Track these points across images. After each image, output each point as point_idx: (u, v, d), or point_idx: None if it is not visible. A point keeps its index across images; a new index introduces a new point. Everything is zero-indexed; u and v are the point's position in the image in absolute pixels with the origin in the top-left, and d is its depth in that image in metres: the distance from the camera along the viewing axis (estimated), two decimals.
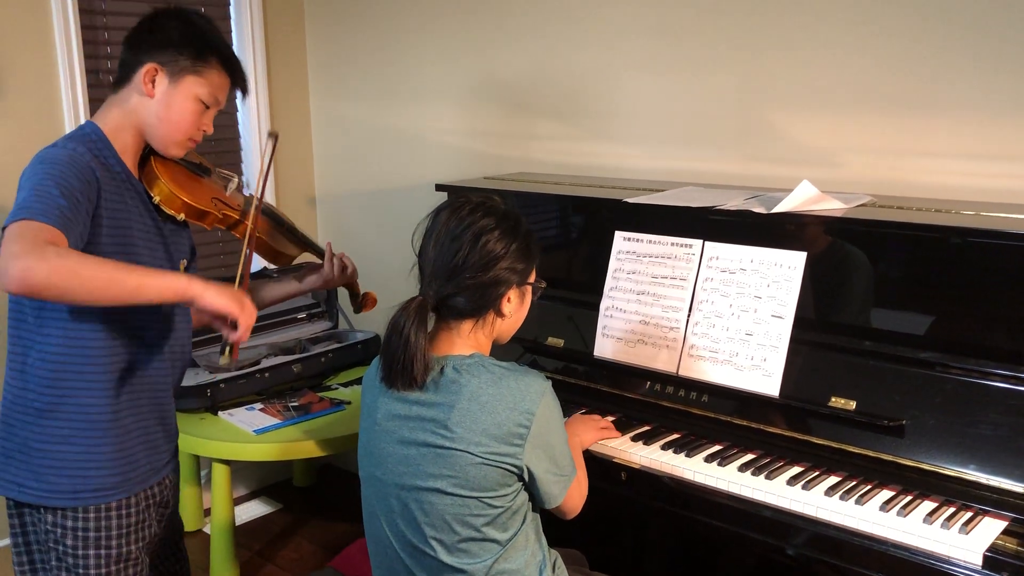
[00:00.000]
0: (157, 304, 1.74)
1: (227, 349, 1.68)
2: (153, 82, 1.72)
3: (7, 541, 1.83)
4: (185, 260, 1.89)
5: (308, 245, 2.19)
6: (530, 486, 1.58)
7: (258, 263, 2.90)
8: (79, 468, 1.71)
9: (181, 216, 1.81)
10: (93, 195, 1.62)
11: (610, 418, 2.10)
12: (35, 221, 1.47)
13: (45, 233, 1.46)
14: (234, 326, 1.60)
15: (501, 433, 1.50)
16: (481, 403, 1.51)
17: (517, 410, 1.50)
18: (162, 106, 1.73)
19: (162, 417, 1.87)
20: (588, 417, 2.05)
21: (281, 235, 2.10)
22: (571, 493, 1.65)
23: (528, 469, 1.53)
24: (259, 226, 2.01)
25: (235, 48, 3.33)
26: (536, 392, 1.53)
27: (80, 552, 1.73)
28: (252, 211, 1.90)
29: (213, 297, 1.55)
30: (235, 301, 1.58)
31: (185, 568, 2.08)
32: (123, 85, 1.75)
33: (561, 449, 1.60)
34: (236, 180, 1.98)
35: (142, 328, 1.77)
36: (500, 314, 1.60)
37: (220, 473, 2.80)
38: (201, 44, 1.73)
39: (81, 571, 1.74)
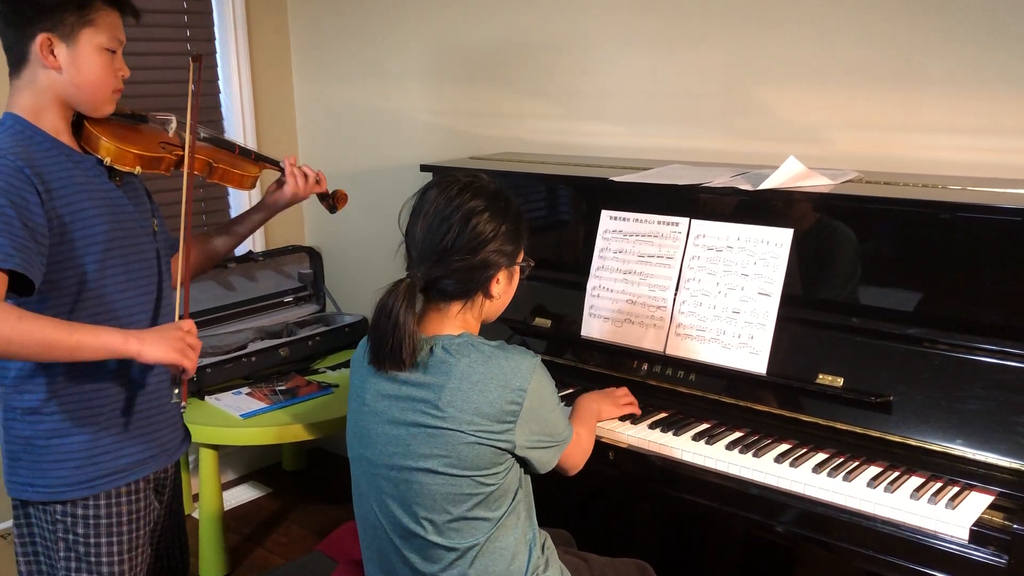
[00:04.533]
0: (142, 300, 1.77)
1: (177, 388, 1.68)
2: (52, 52, 1.63)
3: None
4: (155, 220, 1.83)
5: (266, 161, 2.11)
6: (527, 454, 1.57)
7: (245, 250, 2.90)
8: (88, 457, 1.70)
9: (137, 170, 1.75)
10: (30, 196, 1.55)
11: (627, 390, 2.07)
12: None
13: None
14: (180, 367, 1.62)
15: (493, 412, 1.50)
16: (472, 382, 1.50)
17: (508, 388, 1.50)
18: (73, 72, 1.65)
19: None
20: (611, 391, 2.03)
21: (237, 157, 2.03)
22: (569, 452, 1.67)
23: (524, 442, 1.53)
24: (216, 156, 1.96)
25: (216, 29, 3.30)
26: (527, 369, 1.52)
27: (92, 540, 1.73)
28: (184, 183, 1.83)
29: (153, 352, 1.55)
30: (175, 349, 1.58)
31: (186, 559, 2.06)
32: (22, 66, 1.65)
33: (555, 419, 1.59)
34: (175, 120, 1.92)
35: (131, 312, 1.74)
36: (489, 296, 1.60)
37: (207, 458, 2.79)
38: None
39: (93, 559, 1.73)
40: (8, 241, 1.48)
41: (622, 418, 2.00)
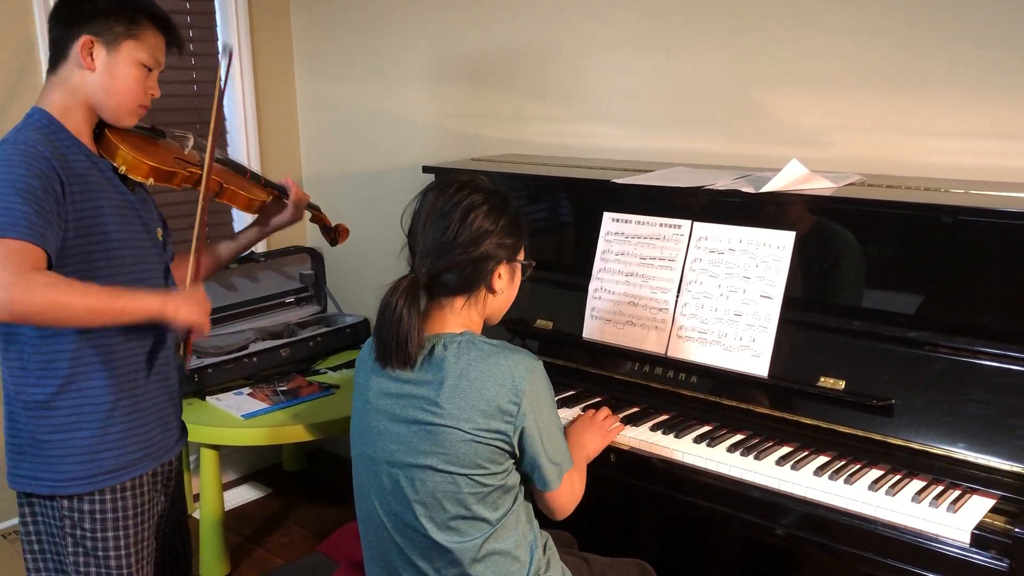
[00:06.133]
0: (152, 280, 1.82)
1: (183, 347, 1.76)
2: (91, 54, 1.69)
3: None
4: (159, 228, 1.87)
5: (272, 187, 2.16)
6: (522, 464, 1.58)
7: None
8: (90, 453, 1.72)
9: (150, 181, 1.79)
10: (56, 186, 1.60)
11: (609, 411, 2.01)
12: (7, 239, 1.49)
13: (26, 255, 1.49)
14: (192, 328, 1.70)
15: (491, 409, 1.50)
16: (470, 380, 1.51)
17: (506, 387, 1.51)
18: (106, 77, 1.70)
19: (170, 393, 1.88)
20: (591, 420, 1.92)
21: (247, 181, 2.09)
22: (562, 490, 1.63)
23: (520, 444, 1.54)
24: (227, 178, 2.00)
25: (219, 31, 3.30)
26: (525, 369, 1.53)
27: (99, 535, 1.75)
28: (208, 147, 1.87)
29: (185, 314, 1.65)
30: (201, 312, 1.68)
31: (188, 549, 2.09)
32: (60, 63, 1.71)
33: (552, 432, 1.59)
34: (192, 139, 1.97)
35: None
36: (491, 290, 1.61)
37: (208, 458, 2.79)
38: (131, 8, 1.71)
39: (101, 554, 1.75)
40: (42, 221, 1.54)
41: (623, 420, 1.99)
